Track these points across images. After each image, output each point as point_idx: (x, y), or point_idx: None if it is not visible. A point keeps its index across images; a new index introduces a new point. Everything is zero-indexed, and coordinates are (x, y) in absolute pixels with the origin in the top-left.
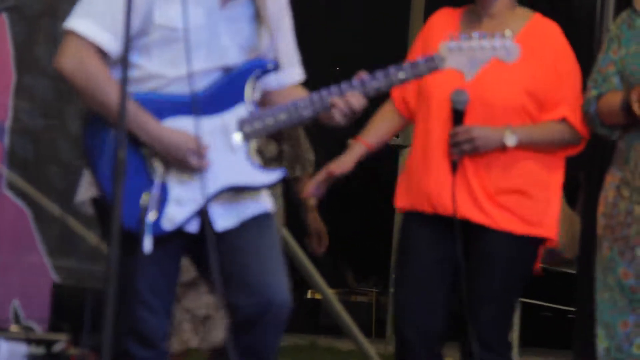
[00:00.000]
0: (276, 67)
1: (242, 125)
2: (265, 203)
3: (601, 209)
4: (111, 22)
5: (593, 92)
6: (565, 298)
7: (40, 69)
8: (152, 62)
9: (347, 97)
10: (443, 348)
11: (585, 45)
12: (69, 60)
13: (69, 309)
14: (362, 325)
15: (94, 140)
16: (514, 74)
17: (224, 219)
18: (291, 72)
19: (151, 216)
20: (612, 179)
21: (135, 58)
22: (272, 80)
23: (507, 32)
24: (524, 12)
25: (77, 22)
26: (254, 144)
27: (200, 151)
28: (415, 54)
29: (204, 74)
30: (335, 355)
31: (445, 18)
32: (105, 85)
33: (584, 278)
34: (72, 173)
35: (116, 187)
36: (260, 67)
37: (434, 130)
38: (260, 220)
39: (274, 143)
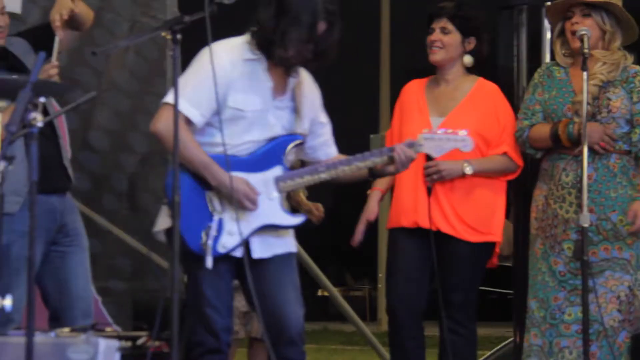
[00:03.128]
0: (303, 142)
1: (277, 181)
2: (292, 246)
3: (533, 214)
4: (197, 101)
5: (525, 122)
6: (505, 284)
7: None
8: (225, 135)
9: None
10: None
11: (507, 97)
12: (164, 125)
13: (146, 313)
14: (359, 313)
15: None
16: (469, 122)
17: (260, 251)
18: (328, 151)
19: (210, 243)
20: (540, 192)
21: (211, 131)
22: (316, 153)
23: (463, 131)
24: (471, 77)
25: (180, 101)
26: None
27: (253, 197)
28: (396, 117)
29: (254, 143)
30: (341, 336)
31: (414, 87)
32: (187, 145)
33: (518, 268)
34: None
35: (175, 220)
36: (294, 139)
37: (412, 166)
38: (286, 258)
39: None
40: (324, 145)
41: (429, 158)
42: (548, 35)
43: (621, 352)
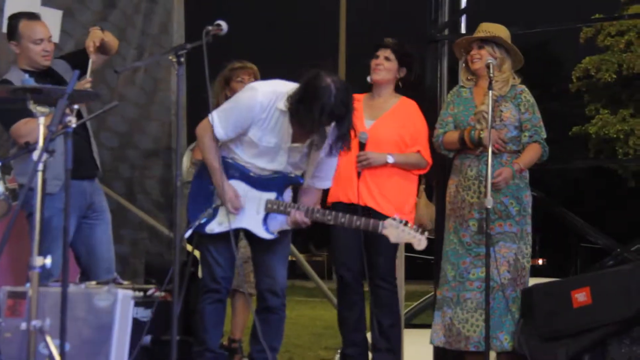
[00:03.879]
0: (301, 184)
1: (267, 203)
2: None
3: (448, 199)
4: (225, 124)
5: (440, 131)
6: (428, 251)
7: None
8: (239, 150)
9: (297, 219)
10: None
11: (432, 110)
12: (199, 131)
13: (154, 270)
14: (319, 273)
15: (194, 184)
16: (393, 126)
17: (265, 235)
18: (326, 183)
19: (200, 221)
20: (452, 182)
21: (234, 145)
22: (312, 182)
23: (426, 234)
24: (398, 96)
25: (214, 114)
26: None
27: (235, 204)
28: None
29: (261, 169)
30: (305, 290)
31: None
32: (208, 151)
33: (438, 240)
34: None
35: (175, 204)
36: (295, 181)
37: (348, 155)
38: (283, 235)
39: None
40: (316, 177)
41: (361, 148)
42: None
43: (508, 302)
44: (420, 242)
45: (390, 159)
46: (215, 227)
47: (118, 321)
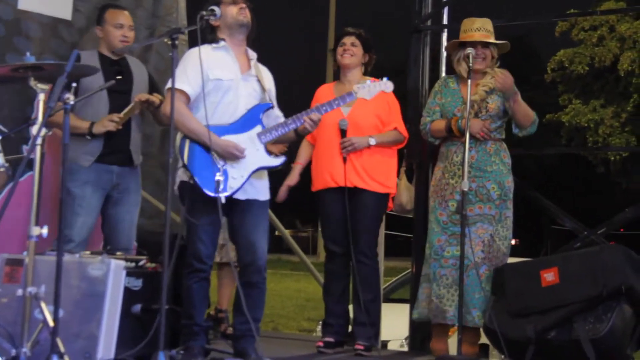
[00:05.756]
0: (272, 107)
1: (259, 135)
2: (267, 194)
3: (433, 182)
4: (186, 79)
5: (427, 119)
6: (408, 230)
7: None
8: (208, 102)
9: (312, 115)
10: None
11: (415, 96)
12: (166, 109)
13: (146, 243)
14: (304, 248)
15: (189, 149)
16: (370, 109)
17: (245, 194)
18: (276, 113)
19: (221, 186)
20: (438, 168)
21: (197, 108)
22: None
23: (385, 78)
24: (366, 78)
25: (176, 83)
26: (268, 144)
27: (239, 150)
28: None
29: (235, 110)
30: (291, 264)
31: (325, 88)
32: (189, 119)
33: (417, 219)
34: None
35: (169, 176)
36: (266, 106)
37: (330, 142)
38: (262, 207)
39: None
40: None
41: (342, 134)
42: (444, 52)
43: (482, 280)
44: (386, 85)
45: (373, 141)
46: (233, 183)
47: (110, 290)
